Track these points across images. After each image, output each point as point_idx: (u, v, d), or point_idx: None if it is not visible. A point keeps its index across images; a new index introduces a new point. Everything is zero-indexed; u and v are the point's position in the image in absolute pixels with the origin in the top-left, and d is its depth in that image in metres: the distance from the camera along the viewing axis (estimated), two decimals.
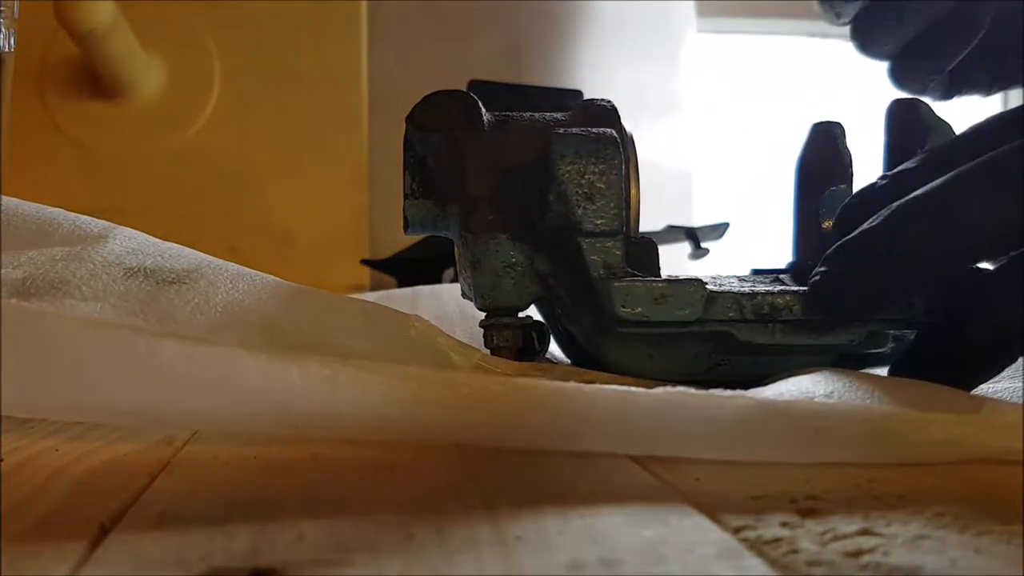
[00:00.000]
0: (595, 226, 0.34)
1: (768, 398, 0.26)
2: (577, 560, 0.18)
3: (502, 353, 0.35)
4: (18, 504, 0.21)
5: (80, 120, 0.94)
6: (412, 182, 0.36)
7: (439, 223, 0.37)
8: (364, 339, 0.32)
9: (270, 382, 0.24)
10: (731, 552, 0.18)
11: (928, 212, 0.31)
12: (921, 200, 0.31)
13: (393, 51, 1.06)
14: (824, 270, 0.33)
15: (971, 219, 0.31)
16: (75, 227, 0.35)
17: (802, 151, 0.41)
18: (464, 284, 0.37)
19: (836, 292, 0.33)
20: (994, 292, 0.31)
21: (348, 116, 0.99)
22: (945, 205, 0.31)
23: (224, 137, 0.96)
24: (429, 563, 0.17)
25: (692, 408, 0.25)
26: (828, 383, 0.29)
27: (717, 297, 0.33)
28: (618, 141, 0.35)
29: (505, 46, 1.10)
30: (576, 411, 0.25)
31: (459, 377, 0.25)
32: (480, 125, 0.36)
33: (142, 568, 0.17)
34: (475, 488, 0.23)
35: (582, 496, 0.22)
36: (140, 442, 0.27)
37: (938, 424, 0.25)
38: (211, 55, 0.96)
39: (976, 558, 0.18)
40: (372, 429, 0.25)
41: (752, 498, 0.22)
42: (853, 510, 0.21)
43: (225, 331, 0.31)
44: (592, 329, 0.34)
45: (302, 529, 0.19)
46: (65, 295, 0.31)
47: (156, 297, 0.32)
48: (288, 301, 0.33)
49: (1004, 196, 0.31)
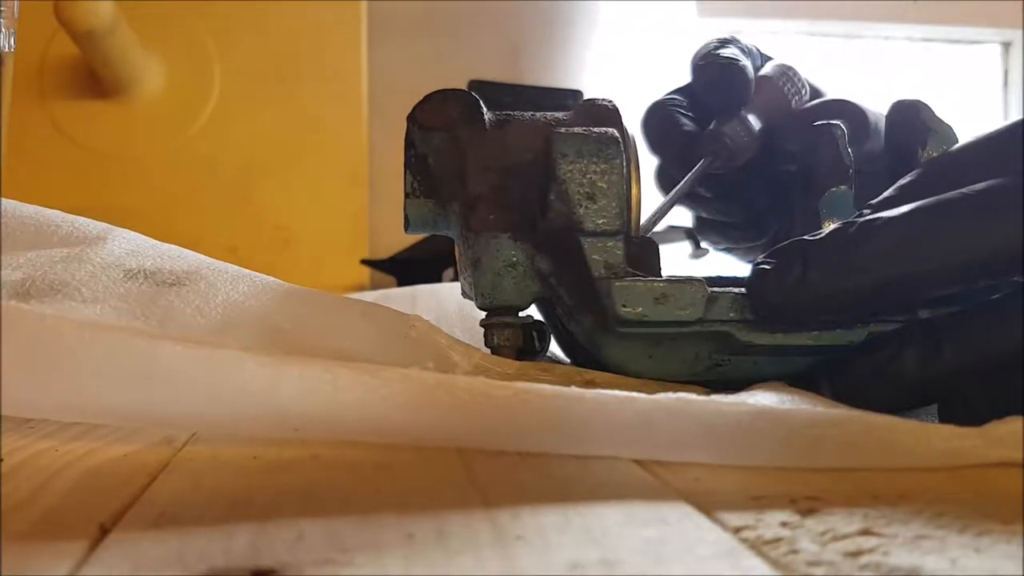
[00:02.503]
0: (596, 226, 0.34)
1: (768, 406, 0.26)
2: (577, 560, 0.18)
3: (502, 352, 0.35)
4: (18, 504, 0.21)
5: (80, 120, 0.94)
6: (413, 181, 0.36)
7: (440, 222, 0.37)
8: (364, 340, 0.32)
9: (270, 385, 0.24)
10: (731, 552, 0.18)
11: (893, 235, 0.31)
12: (889, 222, 0.31)
13: (393, 51, 1.06)
14: (766, 263, 0.33)
15: (935, 248, 0.30)
16: (74, 228, 0.35)
17: (803, 152, 0.41)
18: (465, 283, 0.37)
19: (768, 287, 0.32)
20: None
21: (348, 116, 1.00)
22: (912, 230, 0.31)
23: (224, 137, 0.96)
24: (429, 563, 0.17)
25: (692, 415, 0.25)
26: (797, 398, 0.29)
27: (718, 297, 0.33)
28: (620, 141, 0.35)
29: (505, 46, 1.10)
30: (577, 417, 0.25)
31: (459, 382, 0.25)
32: (482, 124, 0.36)
33: (142, 568, 0.17)
34: (475, 488, 0.23)
35: (582, 496, 0.22)
36: (140, 442, 0.28)
37: (940, 434, 0.25)
38: (211, 55, 0.96)
39: (976, 558, 0.18)
40: (372, 432, 0.25)
41: (752, 498, 0.22)
42: (853, 510, 0.21)
43: (225, 333, 0.31)
44: (592, 328, 0.34)
45: (302, 529, 0.19)
46: (65, 297, 0.31)
47: (156, 299, 0.32)
48: (288, 303, 0.33)
49: (972, 229, 0.30)
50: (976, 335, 0.31)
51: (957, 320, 0.31)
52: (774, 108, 0.43)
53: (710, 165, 0.42)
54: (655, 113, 0.45)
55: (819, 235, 0.32)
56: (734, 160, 0.42)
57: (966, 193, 0.31)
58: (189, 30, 0.96)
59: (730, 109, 0.42)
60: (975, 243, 0.30)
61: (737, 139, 0.42)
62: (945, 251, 0.30)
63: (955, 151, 0.36)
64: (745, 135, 0.42)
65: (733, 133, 0.42)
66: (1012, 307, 0.30)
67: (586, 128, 0.35)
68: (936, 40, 1.95)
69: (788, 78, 0.44)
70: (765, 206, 0.45)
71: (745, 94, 0.42)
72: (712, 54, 0.43)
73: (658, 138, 0.44)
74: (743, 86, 0.42)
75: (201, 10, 0.96)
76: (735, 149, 0.42)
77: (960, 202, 0.31)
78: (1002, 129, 0.34)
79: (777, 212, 0.45)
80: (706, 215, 0.48)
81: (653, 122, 0.45)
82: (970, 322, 0.31)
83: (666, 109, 0.44)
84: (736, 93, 0.42)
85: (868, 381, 0.32)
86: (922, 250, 0.31)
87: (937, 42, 1.95)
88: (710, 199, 0.46)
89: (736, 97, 0.42)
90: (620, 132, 0.36)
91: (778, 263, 0.32)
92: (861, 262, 0.31)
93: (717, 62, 0.43)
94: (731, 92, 0.42)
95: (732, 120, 0.42)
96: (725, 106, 0.42)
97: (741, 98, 0.42)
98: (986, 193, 0.31)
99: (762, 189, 0.45)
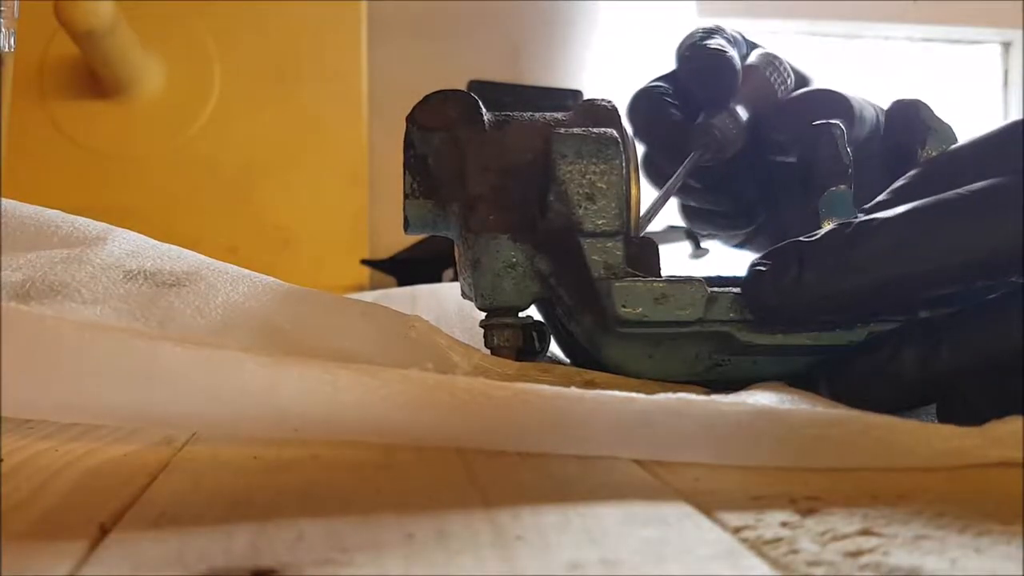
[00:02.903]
0: (596, 226, 0.34)
1: (768, 406, 0.26)
2: (577, 560, 0.18)
3: (502, 353, 0.35)
4: (18, 504, 0.21)
5: (80, 120, 0.94)
6: (412, 181, 0.36)
7: (439, 223, 0.37)
8: (364, 341, 0.32)
9: (270, 386, 0.24)
10: (731, 552, 0.18)
11: (891, 235, 0.31)
12: (886, 223, 0.31)
13: (393, 51, 1.06)
14: (762, 264, 0.33)
15: (933, 248, 0.30)
16: (74, 229, 0.35)
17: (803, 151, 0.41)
18: (464, 284, 0.37)
19: (764, 288, 0.32)
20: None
21: (348, 116, 1.00)
22: (909, 230, 0.31)
23: (224, 137, 0.96)
24: (429, 563, 0.17)
25: (692, 415, 0.25)
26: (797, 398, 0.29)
27: (718, 297, 0.33)
28: (619, 141, 0.35)
29: (505, 46, 1.10)
30: (577, 417, 0.25)
31: (459, 382, 0.25)
32: (481, 124, 0.36)
33: (142, 568, 0.17)
34: (475, 488, 0.23)
35: (582, 496, 0.22)
36: (140, 442, 0.27)
37: (939, 434, 0.25)
38: (211, 55, 0.96)
39: (976, 558, 0.18)
40: (372, 433, 0.25)
41: (752, 498, 0.22)
42: (853, 510, 0.21)
43: (225, 334, 0.31)
44: (592, 329, 0.34)
45: (302, 529, 0.19)
46: (65, 298, 0.31)
47: (156, 300, 0.32)
48: (288, 303, 0.33)
49: (971, 229, 0.30)
50: (975, 335, 0.31)
51: (956, 320, 0.31)
52: (760, 98, 0.43)
53: (700, 158, 0.42)
54: (642, 101, 0.45)
55: (815, 236, 0.32)
56: (723, 153, 0.42)
57: (963, 193, 0.31)
58: (189, 30, 0.96)
59: (718, 101, 0.42)
60: (973, 243, 0.30)
61: (726, 132, 0.42)
62: (942, 251, 0.30)
63: (953, 151, 0.36)
64: (734, 127, 0.42)
65: (722, 126, 0.42)
66: (1011, 307, 0.30)
67: (585, 129, 0.35)
68: (936, 40, 1.95)
69: (774, 67, 0.44)
70: (753, 195, 0.45)
71: (733, 85, 0.42)
72: (698, 45, 0.43)
73: (645, 127, 0.44)
74: (731, 77, 0.42)
75: (201, 10, 0.96)
76: (725, 142, 0.42)
77: (958, 202, 0.31)
78: (1001, 129, 0.34)
79: (765, 202, 0.45)
80: (694, 204, 0.48)
81: (640, 109, 0.44)
82: (969, 322, 0.31)
83: (653, 98, 0.44)
84: (724, 84, 0.42)
85: (867, 381, 0.32)
86: (919, 250, 0.31)
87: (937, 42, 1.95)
88: (699, 189, 0.46)
89: (724, 88, 0.42)
90: (619, 132, 0.36)
91: (774, 264, 0.32)
92: (857, 263, 0.31)
93: (704, 53, 0.42)
94: (719, 83, 0.42)
95: (721, 113, 0.42)
96: (713, 97, 0.42)
97: (729, 89, 0.42)
98: (984, 193, 0.31)
99: (750, 179, 0.45)
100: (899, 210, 0.31)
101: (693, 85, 0.43)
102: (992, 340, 0.30)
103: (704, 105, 0.42)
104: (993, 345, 0.30)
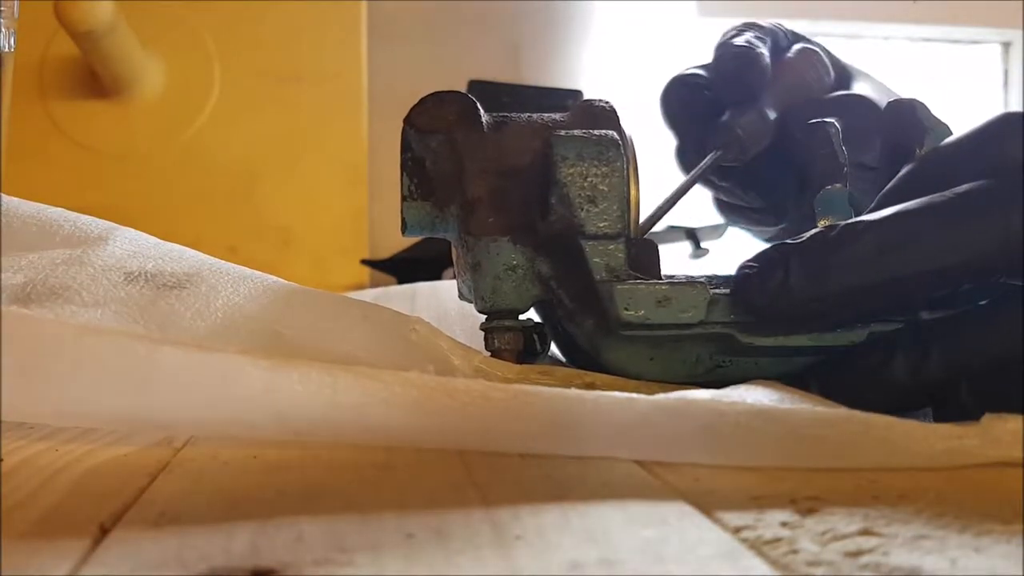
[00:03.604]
0: (598, 228, 0.34)
1: (768, 406, 0.26)
2: (577, 560, 0.18)
3: (503, 356, 0.35)
4: (18, 504, 0.21)
5: (80, 120, 0.94)
6: (410, 183, 0.36)
7: (438, 225, 0.37)
8: (365, 344, 0.32)
9: (270, 389, 0.24)
10: (731, 552, 0.18)
11: (876, 238, 0.31)
12: (872, 225, 0.31)
13: (393, 51, 1.06)
14: (749, 266, 0.33)
15: (918, 251, 0.30)
16: (76, 228, 0.35)
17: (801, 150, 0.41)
18: (463, 286, 0.37)
19: (752, 290, 0.32)
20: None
21: (348, 116, 0.99)
22: (894, 233, 0.31)
23: (224, 137, 0.96)
24: (429, 563, 0.17)
25: (692, 415, 0.25)
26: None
27: (718, 299, 0.33)
28: (619, 143, 0.35)
29: (505, 46, 1.10)
30: (577, 419, 0.25)
31: (459, 384, 0.25)
32: (479, 126, 0.36)
33: (142, 568, 0.17)
34: (475, 488, 0.23)
35: (582, 496, 0.22)
36: (140, 442, 0.28)
37: (939, 434, 0.25)
38: (211, 55, 0.96)
39: (976, 558, 0.18)
40: (373, 436, 0.25)
41: (752, 498, 0.22)
42: (853, 510, 0.21)
43: (226, 337, 0.31)
44: (594, 331, 0.34)
45: (302, 529, 0.19)
46: (66, 301, 0.31)
47: (156, 302, 0.32)
48: (289, 304, 0.33)
49: (955, 231, 0.30)
50: (966, 340, 0.31)
51: (947, 325, 0.31)
52: (795, 94, 0.43)
53: (721, 158, 0.41)
54: (675, 90, 0.44)
55: (801, 238, 0.32)
56: (745, 154, 0.42)
57: (948, 195, 0.31)
58: (189, 30, 0.96)
59: (746, 98, 0.42)
60: (957, 246, 0.30)
61: (751, 132, 0.41)
62: (927, 254, 0.30)
63: (941, 148, 0.36)
64: (760, 127, 0.41)
65: (747, 125, 0.41)
66: (1002, 312, 0.30)
67: (586, 131, 0.35)
68: (936, 40, 1.95)
69: (811, 63, 0.43)
70: (783, 192, 0.45)
71: (760, 82, 0.42)
72: (726, 43, 0.43)
73: (675, 118, 0.44)
74: (755, 76, 0.42)
75: (201, 10, 0.96)
76: (748, 142, 0.41)
77: (942, 205, 0.31)
78: (985, 125, 0.34)
79: (796, 198, 0.45)
80: (725, 199, 0.47)
81: (672, 99, 0.44)
82: (960, 327, 0.31)
83: (687, 88, 0.44)
84: (748, 84, 0.42)
85: (859, 386, 0.32)
86: (904, 253, 0.30)
87: (937, 42, 1.95)
88: (729, 185, 0.46)
89: (749, 88, 0.42)
90: (619, 134, 0.36)
91: (761, 266, 0.32)
92: (843, 265, 0.31)
93: (730, 52, 0.42)
94: (743, 83, 0.42)
95: (748, 112, 0.41)
96: (740, 95, 0.42)
97: (754, 88, 0.42)
98: (967, 196, 0.31)
99: (780, 175, 0.44)
100: (884, 213, 0.31)
101: (719, 84, 0.43)
102: (983, 346, 0.30)
103: (732, 102, 0.42)
104: (984, 351, 0.30)
